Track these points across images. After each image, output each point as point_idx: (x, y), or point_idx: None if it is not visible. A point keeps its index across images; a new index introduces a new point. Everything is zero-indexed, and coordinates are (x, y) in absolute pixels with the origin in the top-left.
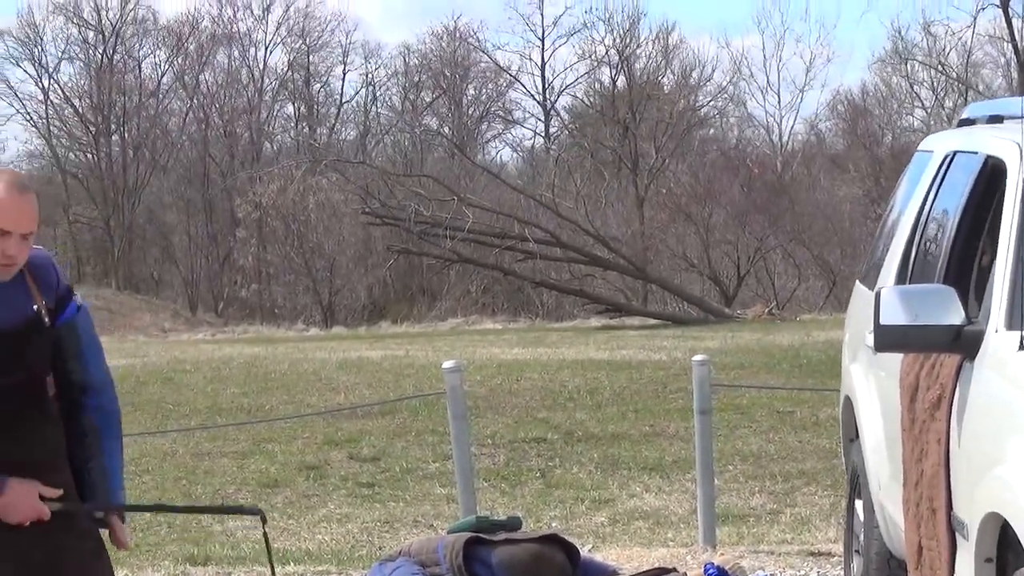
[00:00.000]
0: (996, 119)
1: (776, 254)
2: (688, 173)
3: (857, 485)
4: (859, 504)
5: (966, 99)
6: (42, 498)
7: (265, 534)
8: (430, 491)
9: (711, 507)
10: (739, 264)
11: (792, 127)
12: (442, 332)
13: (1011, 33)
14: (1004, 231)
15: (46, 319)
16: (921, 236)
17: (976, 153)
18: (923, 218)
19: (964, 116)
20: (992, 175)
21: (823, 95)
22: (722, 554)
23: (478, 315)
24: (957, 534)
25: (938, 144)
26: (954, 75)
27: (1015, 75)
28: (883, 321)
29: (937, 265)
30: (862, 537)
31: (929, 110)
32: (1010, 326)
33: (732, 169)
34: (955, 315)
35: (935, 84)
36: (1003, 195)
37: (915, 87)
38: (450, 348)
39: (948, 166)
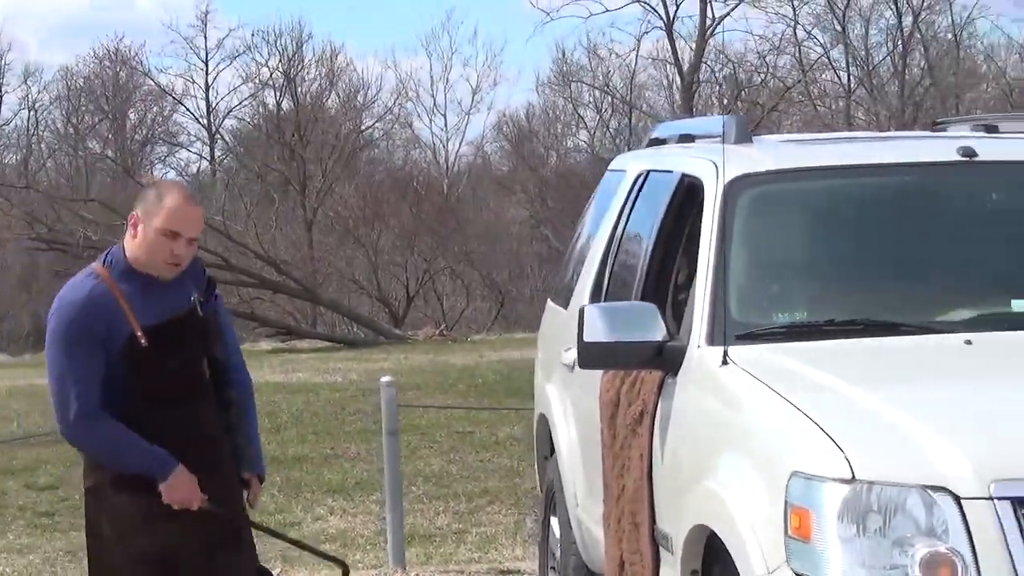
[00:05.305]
0: (687, 138)
1: (444, 275)
2: (356, 195)
3: (553, 501)
4: (555, 520)
5: (630, 120)
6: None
7: None
8: None
9: (400, 528)
10: (408, 286)
11: (459, 149)
12: None
13: (675, 55)
14: (703, 248)
15: (199, 308)
16: (616, 255)
17: (671, 172)
18: (617, 237)
19: (654, 136)
20: (688, 193)
21: (490, 117)
22: (416, 575)
23: None
24: (661, 548)
25: (630, 164)
26: (619, 97)
27: (677, 97)
28: (587, 338)
29: (633, 283)
30: (558, 553)
31: (592, 131)
32: (712, 342)
33: (400, 191)
34: (657, 332)
35: (600, 105)
36: (700, 212)
37: (579, 109)
38: None
39: (642, 185)
